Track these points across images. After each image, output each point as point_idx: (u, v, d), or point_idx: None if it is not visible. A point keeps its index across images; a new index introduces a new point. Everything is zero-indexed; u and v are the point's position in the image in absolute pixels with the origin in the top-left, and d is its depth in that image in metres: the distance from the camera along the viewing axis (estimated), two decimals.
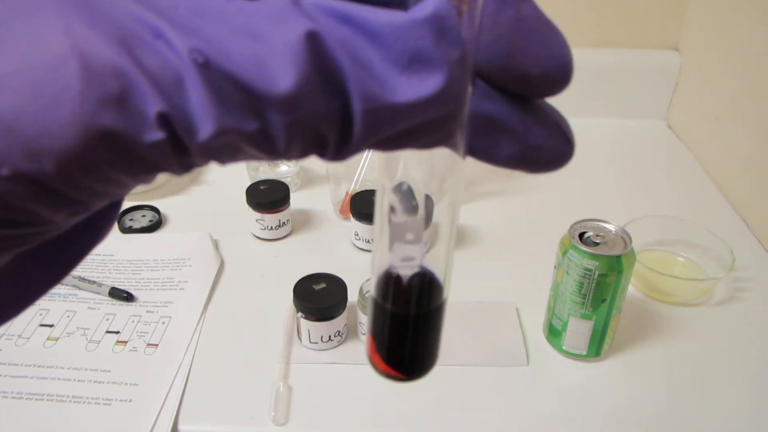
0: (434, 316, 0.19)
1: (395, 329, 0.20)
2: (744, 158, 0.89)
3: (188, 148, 0.14)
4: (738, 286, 0.75)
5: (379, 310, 0.19)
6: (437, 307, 0.19)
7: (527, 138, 0.17)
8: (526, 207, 0.90)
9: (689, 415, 0.60)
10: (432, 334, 0.20)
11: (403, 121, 0.14)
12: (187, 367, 0.63)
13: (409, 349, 0.20)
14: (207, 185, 0.94)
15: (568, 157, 0.18)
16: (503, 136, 0.17)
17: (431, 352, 0.20)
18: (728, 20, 0.95)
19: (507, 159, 0.17)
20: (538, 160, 0.17)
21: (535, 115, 0.17)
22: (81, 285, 0.72)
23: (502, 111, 0.17)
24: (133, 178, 0.15)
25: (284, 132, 0.14)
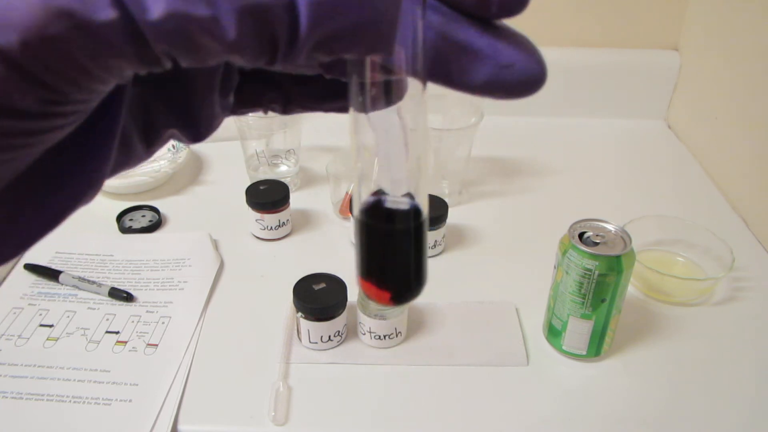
0: (419, 232, 0.21)
1: (386, 246, 0.21)
2: (744, 158, 0.89)
3: (142, 31, 0.14)
4: (738, 286, 0.75)
5: (369, 230, 0.21)
6: (421, 223, 0.20)
7: (497, 57, 0.17)
8: (526, 207, 0.90)
9: (689, 415, 0.60)
10: (420, 249, 0.21)
11: (343, 15, 0.15)
12: (187, 367, 0.63)
13: (401, 265, 0.21)
14: (207, 185, 0.94)
15: (540, 77, 0.18)
16: (473, 59, 0.17)
17: (421, 270, 0.21)
18: (728, 20, 0.95)
19: (482, 83, 0.18)
20: (511, 80, 0.18)
21: (502, 36, 0.18)
22: (81, 285, 0.72)
23: (468, 33, 0.17)
24: (96, 65, 0.15)
25: (234, 19, 0.14)
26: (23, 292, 0.72)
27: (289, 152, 0.91)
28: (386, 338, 0.64)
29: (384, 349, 0.65)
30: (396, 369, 0.63)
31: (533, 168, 0.99)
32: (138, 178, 0.89)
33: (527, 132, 1.08)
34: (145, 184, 0.89)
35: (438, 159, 0.86)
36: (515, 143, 1.04)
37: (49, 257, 0.77)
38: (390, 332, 0.64)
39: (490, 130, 0.90)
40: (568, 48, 1.08)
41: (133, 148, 0.21)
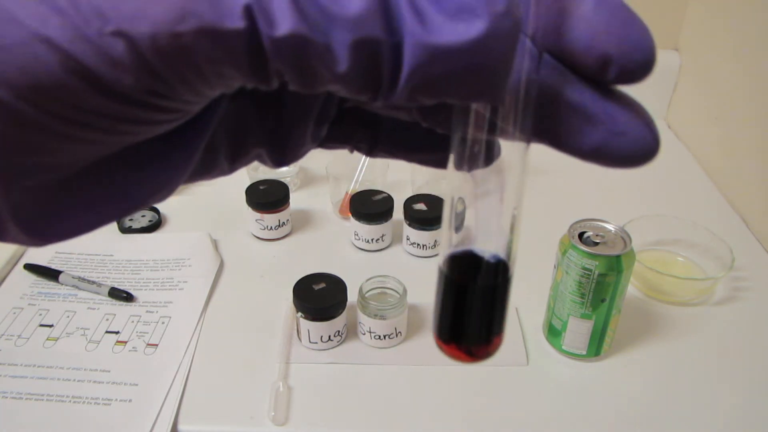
0: (503, 289, 0.21)
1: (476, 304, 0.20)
2: (744, 158, 0.89)
3: (263, 45, 0.15)
4: (737, 285, 0.75)
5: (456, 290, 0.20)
6: (507, 279, 0.21)
7: (611, 123, 0.17)
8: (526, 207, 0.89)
9: (689, 415, 0.60)
10: (502, 305, 0.21)
11: (447, 62, 0.15)
12: (187, 367, 0.63)
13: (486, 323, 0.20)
14: (207, 185, 0.94)
15: (653, 148, 0.17)
16: (586, 123, 0.17)
17: (502, 324, 0.21)
18: (728, 20, 0.95)
19: (592, 149, 0.17)
20: (622, 149, 0.17)
21: (618, 102, 0.17)
22: (81, 285, 0.72)
23: (584, 96, 0.17)
24: (212, 71, 0.15)
25: (347, 50, 0.15)
26: (23, 292, 0.72)
27: None
28: (386, 338, 0.64)
29: (384, 349, 0.65)
30: (396, 369, 0.63)
31: (533, 168, 0.99)
32: None
33: None
34: None
35: None
36: None
37: (49, 257, 0.77)
38: (390, 332, 0.64)
39: None
40: None
41: (218, 160, 0.21)
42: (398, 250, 0.80)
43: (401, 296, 0.64)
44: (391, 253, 0.80)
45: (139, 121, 0.16)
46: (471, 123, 0.18)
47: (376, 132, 0.23)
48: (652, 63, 0.17)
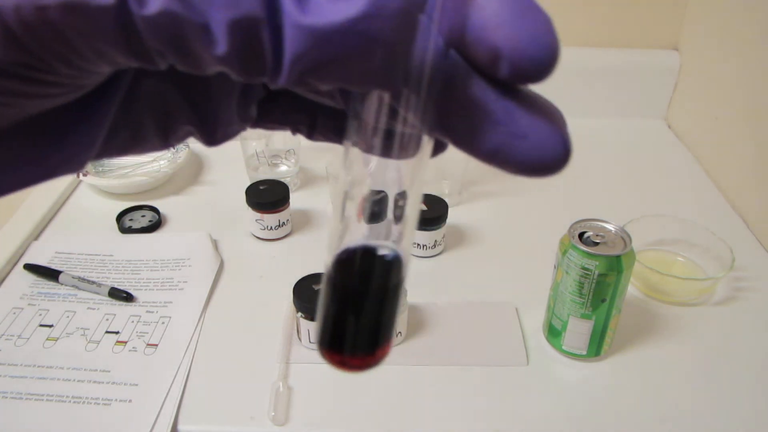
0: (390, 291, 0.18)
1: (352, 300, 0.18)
2: (744, 158, 0.89)
3: (135, 22, 0.15)
4: (738, 285, 0.75)
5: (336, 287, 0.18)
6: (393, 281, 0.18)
7: (511, 125, 0.16)
8: (526, 207, 0.90)
9: (689, 415, 0.60)
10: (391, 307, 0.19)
11: (328, 44, 0.15)
12: (187, 367, 0.63)
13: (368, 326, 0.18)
14: (207, 185, 0.94)
15: (558, 156, 0.16)
16: (484, 121, 0.16)
17: (390, 326, 0.19)
18: (728, 20, 0.95)
19: (489, 150, 0.16)
20: (522, 153, 0.16)
21: (522, 102, 0.16)
22: (80, 285, 0.72)
23: (485, 94, 0.16)
24: (87, 48, 0.15)
25: (224, 31, 0.15)
26: (23, 292, 0.72)
27: (288, 152, 0.91)
28: None
29: None
30: (396, 369, 0.63)
31: None
32: (138, 178, 0.89)
33: None
34: (145, 184, 0.89)
35: (438, 159, 0.86)
36: None
37: (49, 257, 0.77)
38: None
39: None
40: (568, 48, 1.08)
41: (146, 136, 0.21)
42: None
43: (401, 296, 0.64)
44: None
45: (21, 94, 0.16)
46: (371, 110, 0.17)
47: (313, 115, 0.22)
48: (550, 61, 0.15)
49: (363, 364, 0.18)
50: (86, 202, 0.89)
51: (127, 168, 0.93)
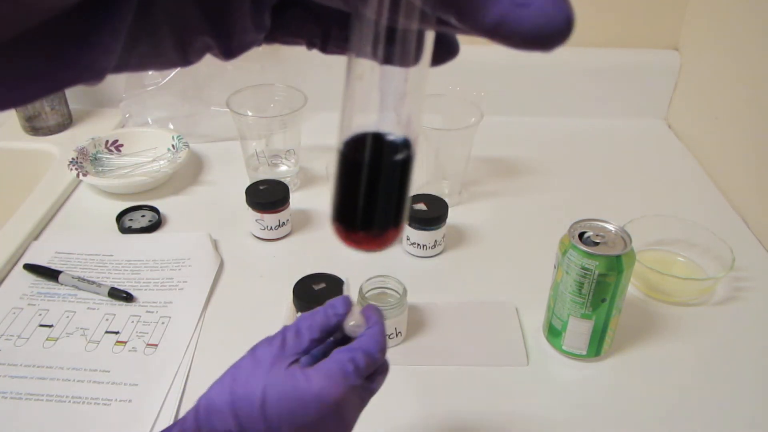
0: (400, 167, 0.19)
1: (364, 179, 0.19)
2: (744, 158, 0.89)
3: None
4: (738, 285, 0.75)
5: (348, 168, 0.19)
6: (403, 158, 0.19)
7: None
8: (526, 207, 0.90)
9: (689, 415, 0.60)
10: (401, 186, 0.19)
11: None
12: (187, 367, 0.63)
13: (379, 203, 0.19)
14: (207, 185, 0.94)
15: (560, 25, 0.16)
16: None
17: (401, 207, 0.19)
18: (728, 20, 0.95)
19: (494, 22, 0.16)
20: (524, 22, 0.16)
21: None
22: (80, 285, 0.72)
23: None
24: None
25: None
26: (23, 292, 0.72)
27: (289, 152, 0.91)
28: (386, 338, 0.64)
29: None
30: (396, 369, 0.63)
31: (533, 168, 0.99)
32: (138, 178, 0.89)
33: (527, 132, 1.08)
34: (145, 184, 0.89)
35: (438, 159, 0.86)
36: (515, 143, 1.04)
37: (49, 257, 0.77)
38: (390, 332, 0.64)
39: (490, 130, 0.90)
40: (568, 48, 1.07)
41: (164, 49, 0.21)
42: (398, 250, 0.80)
43: (401, 296, 0.64)
44: (391, 253, 0.80)
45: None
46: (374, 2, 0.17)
47: (327, 27, 0.22)
48: None
49: (373, 241, 0.19)
50: (86, 202, 0.89)
51: (127, 168, 0.93)
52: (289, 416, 0.38)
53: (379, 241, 0.19)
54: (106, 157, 0.95)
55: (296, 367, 0.40)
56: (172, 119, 1.03)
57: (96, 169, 0.92)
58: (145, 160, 0.95)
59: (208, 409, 0.40)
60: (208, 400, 0.41)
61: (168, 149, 0.96)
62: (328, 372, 0.40)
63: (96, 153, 0.94)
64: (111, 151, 0.96)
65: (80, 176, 0.87)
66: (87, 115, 1.10)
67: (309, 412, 0.38)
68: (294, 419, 0.38)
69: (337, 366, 0.40)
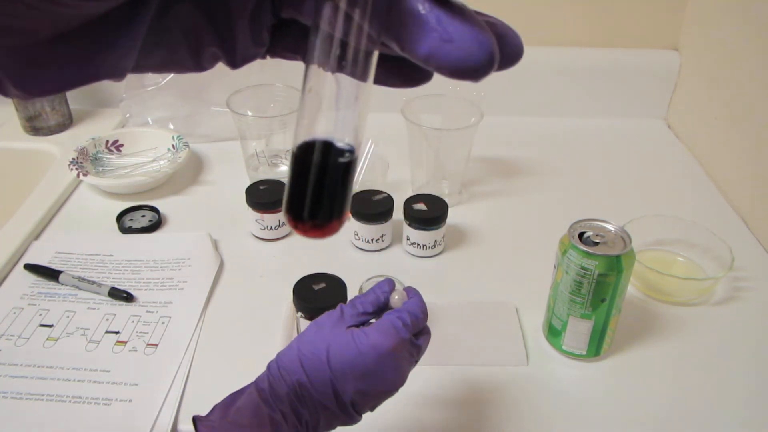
0: (343, 169, 0.23)
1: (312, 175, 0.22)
2: (743, 158, 0.89)
3: None
4: (737, 285, 0.75)
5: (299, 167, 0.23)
6: (346, 162, 0.23)
7: (441, 32, 0.19)
8: (526, 207, 0.90)
9: (689, 415, 0.60)
10: (342, 185, 0.23)
11: None
12: (187, 367, 0.63)
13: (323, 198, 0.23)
14: (207, 185, 0.94)
15: (480, 61, 0.19)
16: (420, 28, 0.19)
17: (343, 203, 0.23)
18: (728, 20, 0.95)
19: (425, 54, 0.19)
20: (451, 56, 0.19)
21: (452, 12, 0.19)
22: (81, 285, 0.72)
23: (419, 5, 0.19)
24: None
25: None
26: (23, 292, 0.72)
27: (288, 152, 0.91)
28: None
29: None
30: None
31: (533, 168, 0.99)
32: (138, 178, 0.89)
33: (527, 132, 1.08)
34: (145, 184, 0.89)
35: (438, 159, 0.86)
36: (515, 143, 1.04)
37: (49, 257, 0.77)
38: None
39: (490, 130, 0.90)
40: (568, 48, 1.08)
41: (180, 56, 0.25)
42: (398, 250, 0.80)
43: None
44: (391, 253, 0.80)
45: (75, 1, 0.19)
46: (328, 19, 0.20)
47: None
48: None
49: (318, 230, 0.23)
50: (86, 202, 0.89)
51: (127, 168, 0.93)
52: (351, 365, 0.45)
53: (323, 231, 0.23)
54: (106, 157, 0.95)
55: (354, 329, 0.47)
56: (173, 119, 1.03)
57: (96, 169, 0.92)
58: (146, 160, 0.95)
59: (279, 367, 0.47)
60: (279, 361, 0.48)
61: (168, 149, 0.96)
62: (381, 327, 0.47)
63: (96, 153, 0.94)
64: (111, 151, 0.96)
65: (80, 176, 0.87)
66: (87, 115, 1.10)
67: (367, 361, 0.45)
68: (355, 368, 0.45)
69: (389, 322, 0.47)
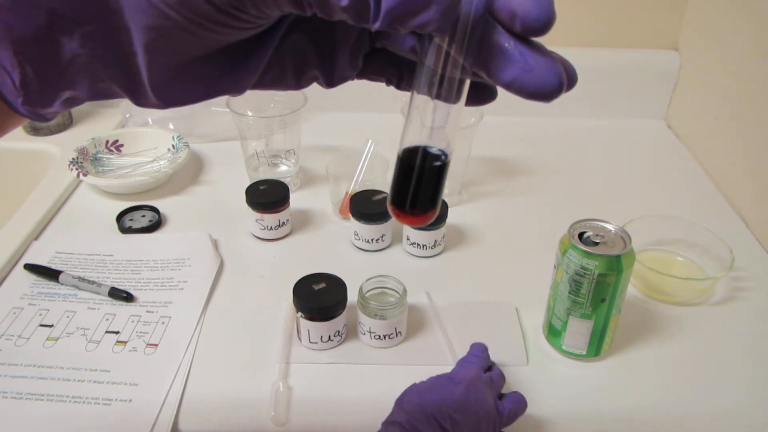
0: (438, 170, 0.28)
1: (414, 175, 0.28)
2: (743, 158, 0.89)
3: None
4: (737, 285, 0.75)
5: (404, 168, 0.28)
6: (441, 164, 0.28)
7: (523, 63, 0.24)
8: (526, 207, 0.90)
9: (689, 415, 0.60)
10: (437, 183, 0.28)
11: (406, 2, 0.22)
12: (187, 367, 0.63)
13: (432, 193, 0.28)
14: (207, 185, 0.94)
15: (553, 86, 0.23)
16: (505, 59, 0.24)
17: (437, 197, 0.29)
18: (728, 20, 0.95)
19: (509, 80, 0.24)
20: (531, 83, 0.24)
21: (532, 48, 0.24)
22: (81, 285, 0.72)
23: (507, 41, 0.24)
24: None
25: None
26: (23, 292, 0.72)
27: (289, 152, 0.91)
28: (386, 338, 0.64)
29: (384, 349, 0.65)
30: (396, 369, 0.63)
31: (533, 168, 0.99)
32: (138, 178, 0.89)
33: (527, 132, 1.08)
34: (145, 184, 0.89)
35: None
36: (515, 143, 1.05)
37: (49, 257, 0.77)
38: (390, 332, 0.64)
39: (490, 130, 0.90)
40: (568, 48, 1.08)
41: (286, 76, 0.30)
42: (398, 250, 0.80)
43: (401, 296, 0.64)
44: (391, 253, 0.80)
45: (227, 25, 0.24)
46: (432, 55, 0.25)
47: (401, 70, 0.31)
48: (548, 20, 0.22)
49: (417, 219, 0.28)
50: (86, 202, 0.89)
51: (127, 168, 0.93)
52: (441, 400, 0.53)
53: (421, 219, 0.28)
54: (106, 157, 0.95)
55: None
56: (173, 119, 1.03)
57: (96, 169, 0.92)
58: (146, 160, 0.95)
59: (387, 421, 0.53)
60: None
61: (168, 149, 0.96)
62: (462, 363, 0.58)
63: (96, 153, 0.94)
64: (111, 151, 0.96)
65: (80, 176, 0.87)
66: (87, 115, 1.10)
67: (454, 392, 0.53)
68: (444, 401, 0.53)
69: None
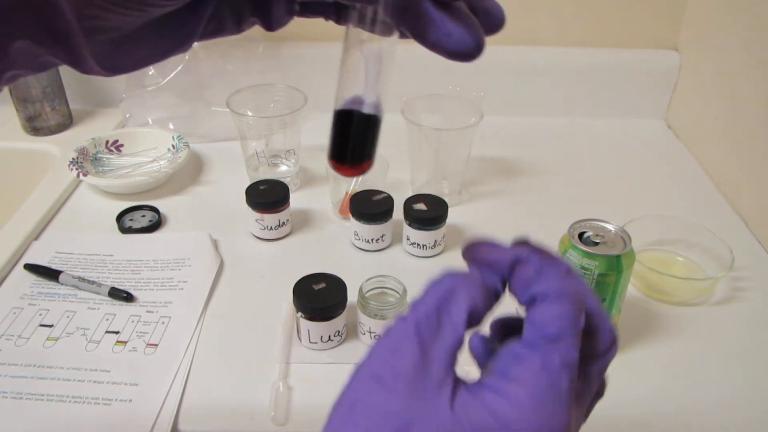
0: (371, 123, 0.30)
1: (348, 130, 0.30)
2: (744, 158, 0.89)
3: None
4: (737, 285, 0.75)
5: (339, 122, 0.30)
6: (372, 117, 0.30)
7: (443, 28, 0.27)
8: (526, 207, 0.90)
9: (689, 415, 0.60)
10: (371, 135, 0.31)
11: None
12: (187, 367, 0.63)
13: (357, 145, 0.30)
14: (207, 185, 0.94)
15: (471, 50, 0.27)
16: (428, 23, 0.27)
17: (372, 149, 0.31)
18: (728, 20, 0.95)
19: (432, 42, 0.28)
20: (450, 45, 0.27)
21: (453, 14, 0.27)
22: (81, 285, 0.72)
23: (429, 7, 0.27)
24: None
25: None
26: (23, 292, 0.72)
27: (289, 152, 0.91)
28: None
29: None
30: None
31: (533, 168, 0.99)
32: (138, 178, 0.89)
33: (527, 132, 1.08)
34: (145, 184, 0.89)
35: (438, 159, 0.86)
36: (515, 143, 1.05)
37: (49, 257, 0.77)
38: None
39: (490, 130, 0.90)
40: (568, 48, 1.08)
41: (226, 25, 0.32)
42: (398, 250, 0.80)
43: (401, 296, 0.64)
44: (391, 253, 0.80)
45: (155, 5, 0.27)
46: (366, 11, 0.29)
47: (339, 7, 0.32)
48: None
49: (353, 170, 0.31)
50: (86, 202, 0.89)
51: (127, 168, 0.93)
52: None
53: (358, 169, 0.31)
54: (106, 157, 0.95)
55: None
56: (173, 119, 1.03)
57: (96, 169, 0.92)
58: (146, 160, 0.95)
59: None
60: None
61: (168, 149, 0.96)
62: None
63: (96, 153, 0.94)
64: (111, 151, 0.96)
65: (80, 176, 0.87)
66: (87, 115, 1.10)
67: None
68: None
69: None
